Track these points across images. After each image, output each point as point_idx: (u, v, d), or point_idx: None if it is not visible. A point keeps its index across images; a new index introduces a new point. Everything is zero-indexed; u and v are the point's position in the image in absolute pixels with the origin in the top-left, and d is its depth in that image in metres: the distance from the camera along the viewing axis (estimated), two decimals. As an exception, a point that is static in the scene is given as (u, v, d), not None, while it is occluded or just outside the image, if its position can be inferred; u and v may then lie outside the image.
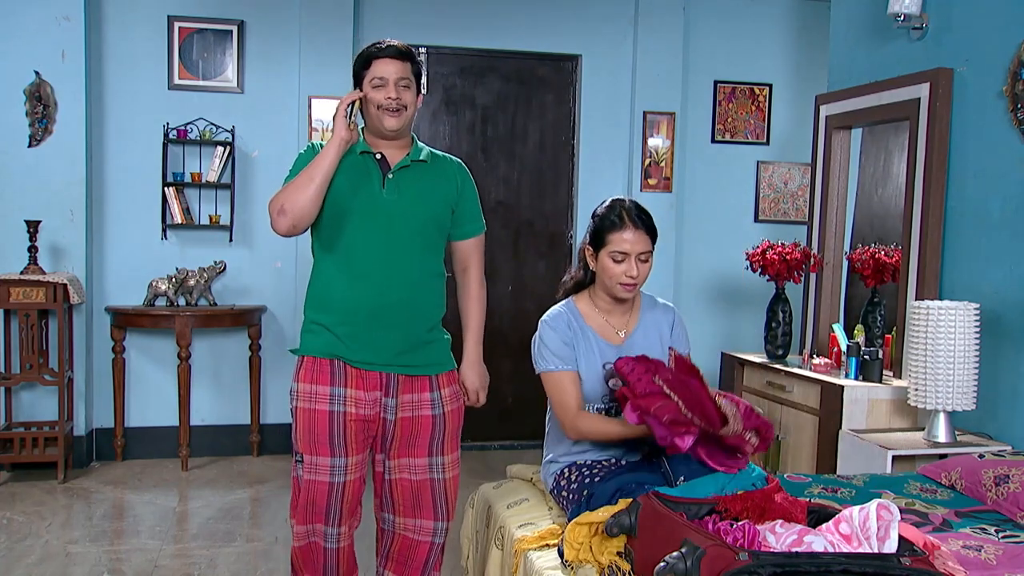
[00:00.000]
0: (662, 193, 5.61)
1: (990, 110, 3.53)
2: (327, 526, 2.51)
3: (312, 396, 2.48)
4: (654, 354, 2.55)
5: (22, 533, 3.94)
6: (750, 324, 5.41)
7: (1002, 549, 2.33)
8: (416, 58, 2.52)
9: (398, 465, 2.56)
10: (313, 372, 2.49)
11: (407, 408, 2.53)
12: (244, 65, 5.21)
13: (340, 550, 2.55)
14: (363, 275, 2.45)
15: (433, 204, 2.53)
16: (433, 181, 2.56)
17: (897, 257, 4.01)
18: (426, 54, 5.48)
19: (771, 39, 5.85)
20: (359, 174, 2.48)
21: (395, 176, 2.49)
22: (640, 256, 2.50)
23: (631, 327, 2.61)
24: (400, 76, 2.45)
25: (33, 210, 4.74)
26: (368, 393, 2.48)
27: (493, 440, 5.66)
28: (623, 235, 2.50)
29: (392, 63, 2.45)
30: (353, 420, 2.48)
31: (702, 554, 1.82)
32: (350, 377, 2.47)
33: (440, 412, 2.58)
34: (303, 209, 2.37)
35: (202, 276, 5.03)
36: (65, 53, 4.83)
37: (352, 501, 2.53)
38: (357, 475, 2.52)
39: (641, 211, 2.54)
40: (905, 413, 3.62)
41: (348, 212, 2.45)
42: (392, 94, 2.45)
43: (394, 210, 2.47)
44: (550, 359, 2.53)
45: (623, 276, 2.50)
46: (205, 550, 3.82)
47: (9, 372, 4.78)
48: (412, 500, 2.57)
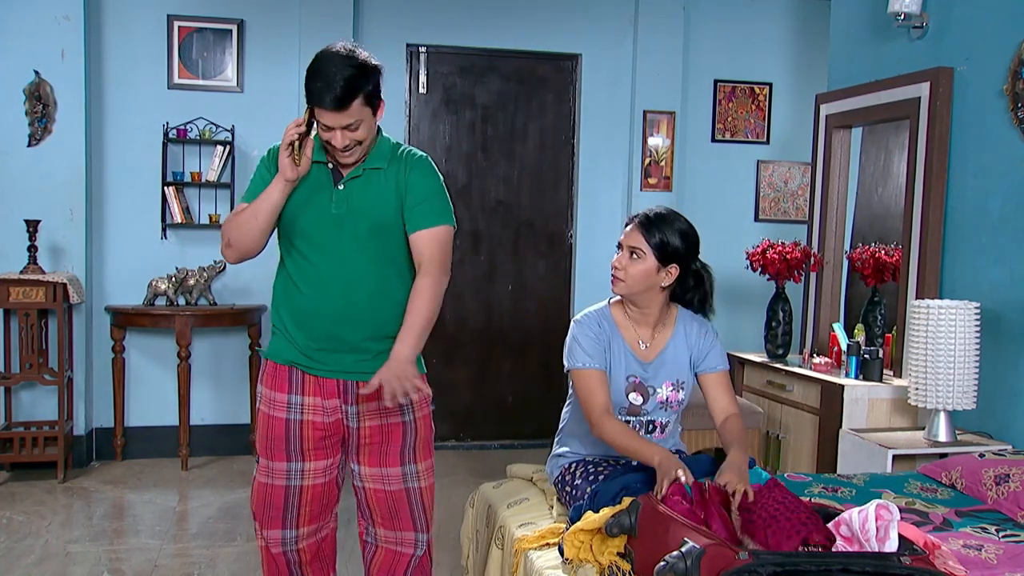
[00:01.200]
0: (662, 192, 5.61)
1: (990, 109, 3.53)
2: (284, 529, 2.48)
3: (272, 402, 2.45)
4: (679, 372, 2.56)
5: (22, 533, 3.94)
6: (750, 323, 5.41)
7: (1003, 548, 2.32)
8: (364, 81, 2.24)
9: (370, 475, 2.49)
10: (274, 378, 2.45)
11: (374, 416, 2.45)
12: (244, 64, 5.20)
13: (301, 551, 2.51)
14: (314, 285, 2.40)
15: (381, 213, 2.38)
16: (384, 188, 2.39)
17: (897, 256, 4.00)
18: (426, 53, 5.48)
19: (771, 38, 5.85)
20: (310, 185, 2.38)
21: (346, 187, 2.38)
22: (632, 251, 2.50)
23: (662, 343, 2.58)
24: (345, 124, 2.25)
25: (33, 209, 4.74)
26: (327, 400, 2.43)
27: (493, 440, 5.66)
28: (625, 228, 2.56)
29: (331, 115, 2.23)
30: (311, 428, 2.43)
31: (701, 553, 1.82)
32: (308, 384, 2.43)
33: (411, 419, 2.48)
34: (247, 245, 2.39)
35: (202, 275, 5.03)
36: (65, 52, 4.82)
37: (313, 504, 2.48)
38: (320, 480, 2.47)
39: (653, 218, 2.52)
40: (905, 412, 3.62)
41: (298, 223, 2.39)
42: (338, 144, 2.28)
43: (342, 223, 2.36)
44: (580, 356, 2.51)
45: (614, 269, 2.54)
46: (205, 549, 3.81)
47: (9, 372, 4.78)
48: (389, 511, 2.51)
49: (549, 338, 5.77)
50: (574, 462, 2.60)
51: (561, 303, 5.76)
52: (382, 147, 2.42)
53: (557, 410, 5.81)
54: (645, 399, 2.54)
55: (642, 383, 2.53)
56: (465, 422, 5.63)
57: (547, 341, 5.77)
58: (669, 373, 2.56)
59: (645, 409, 2.54)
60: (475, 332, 5.59)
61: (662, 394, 2.55)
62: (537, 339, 5.74)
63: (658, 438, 2.56)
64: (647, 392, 2.54)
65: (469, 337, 5.56)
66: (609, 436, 2.40)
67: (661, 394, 2.55)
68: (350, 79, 2.22)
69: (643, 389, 2.54)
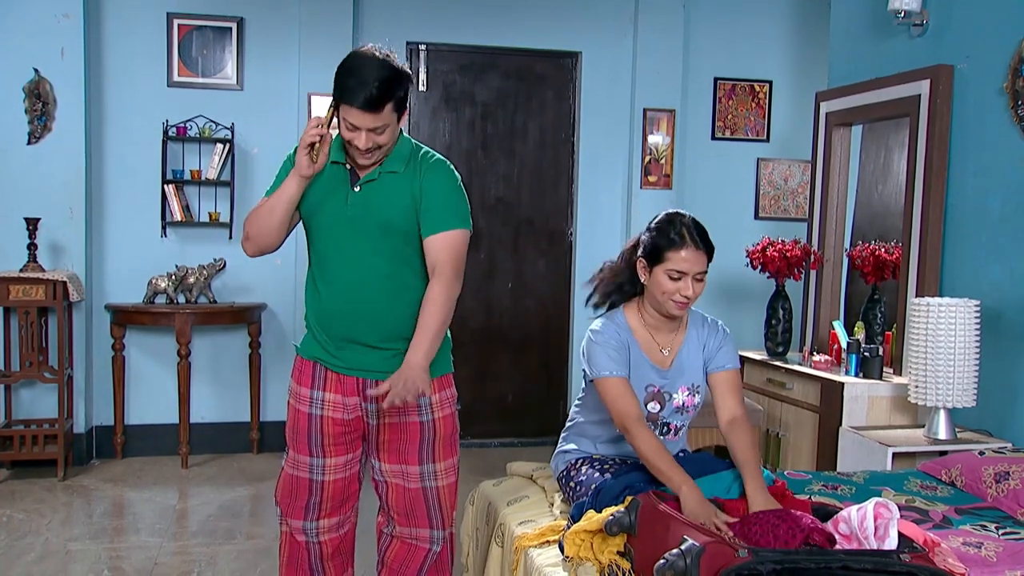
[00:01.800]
0: (662, 190, 5.61)
1: (990, 107, 3.53)
2: (306, 520, 2.53)
3: (297, 396, 2.50)
4: (694, 376, 2.53)
5: (22, 531, 3.94)
6: (750, 321, 5.41)
7: (1002, 546, 2.33)
8: (397, 86, 2.25)
9: (391, 471, 2.51)
10: (300, 372, 2.50)
11: (393, 413, 2.46)
12: (243, 62, 5.20)
13: (323, 544, 2.55)
14: (333, 284, 2.42)
15: (396, 216, 2.37)
16: (399, 191, 2.38)
17: (897, 254, 4.00)
18: (426, 51, 5.48)
19: (771, 36, 5.85)
20: (328, 185, 2.40)
21: (362, 189, 2.38)
22: (696, 275, 2.42)
23: (676, 347, 2.55)
24: (374, 126, 2.25)
25: (32, 208, 4.73)
26: (347, 398, 2.46)
27: (493, 438, 5.66)
28: (682, 254, 2.40)
29: (361, 116, 2.23)
30: (331, 424, 2.46)
31: (701, 551, 1.82)
32: (329, 381, 2.46)
33: (429, 419, 2.48)
34: (266, 239, 2.41)
35: (202, 273, 5.02)
36: (64, 50, 4.82)
37: (333, 499, 2.52)
38: (340, 476, 2.51)
39: (701, 229, 2.45)
40: (905, 410, 3.62)
41: (318, 227, 2.42)
42: (362, 145, 2.27)
43: (357, 224, 2.37)
44: (606, 364, 2.45)
45: (677, 294, 2.42)
46: (205, 547, 3.81)
47: (9, 370, 4.77)
48: (406, 507, 2.52)
49: (549, 336, 5.78)
50: (580, 458, 2.59)
51: (561, 301, 5.76)
52: (401, 149, 2.40)
53: (557, 408, 5.88)
54: (662, 406, 2.52)
55: (660, 391, 2.51)
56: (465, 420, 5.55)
57: (547, 339, 5.77)
58: (685, 378, 2.53)
59: (662, 416, 2.53)
60: (475, 330, 5.58)
61: (678, 399, 2.53)
62: (537, 337, 5.75)
63: (670, 440, 2.55)
64: (664, 399, 2.52)
65: (469, 335, 5.56)
66: (642, 448, 2.34)
67: (677, 399, 2.53)
68: (385, 81, 2.22)
69: (661, 397, 2.51)
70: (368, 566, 2.99)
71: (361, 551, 2.76)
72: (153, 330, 5.15)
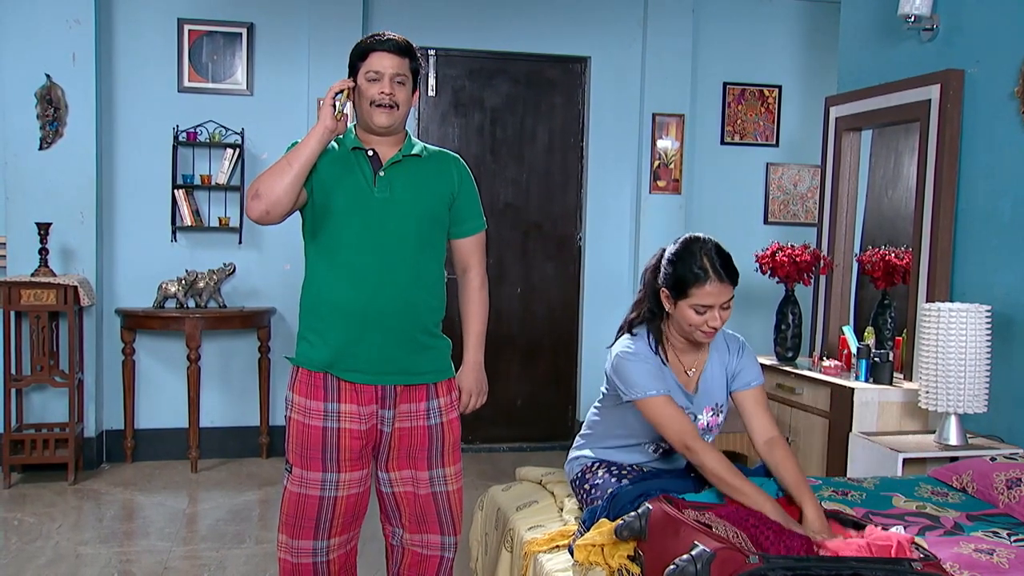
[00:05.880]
0: (671, 195, 5.61)
1: (1001, 111, 3.51)
2: (315, 540, 2.43)
3: (306, 411, 2.40)
4: (718, 395, 2.50)
5: (33, 534, 3.95)
6: (760, 326, 5.39)
7: (1014, 553, 2.31)
8: (416, 55, 2.42)
9: (400, 478, 2.47)
10: (307, 386, 2.40)
11: (404, 419, 2.44)
12: (254, 67, 5.22)
13: (331, 562, 2.47)
14: (356, 278, 2.35)
15: (428, 200, 2.41)
16: (428, 176, 2.43)
17: (907, 259, 3.99)
18: (435, 56, 5.49)
19: (780, 40, 5.84)
20: (350, 172, 2.38)
21: (387, 173, 2.38)
22: (723, 305, 2.37)
23: (700, 367, 2.52)
24: (396, 72, 2.36)
25: (44, 212, 4.76)
26: (364, 407, 2.40)
27: (502, 442, 5.66)
28: (707, 288, 2.34)
29: (389, 57, 2.35)
30: (349, 436, 2.39)
31: (711, 557, 1.82)
32: (344, 392, 2.39)
33: (437, 422, 2.47)
34: (278, 196, 2.27)
35: (211, 278, 5.04)
36: (75, 56, 4.84)
37: (345, 515, 2.45)
38: (353, 491, 2.43)
39: (724, 257, 2.38)
40: (916, 416, 3.61)
41: (339, 212, 2.36)
42: (386, 89, 2.35)
43: (387, 209, 2.35)
44: (648, 384, 2.37)
45: (704, 326, 2.37)
46: (215, 552, 3.82)
47: (20, 374, 4.79)
48: (417, 514, 2.49)
49: (558, 341, 5.78)
50: (597, 461, 2.58)
51: (570, 306, 5.75)
52: (411, 139, 2.49)
53: (566, 413, 5.87)
54: None
55: (688, 415, 2.46)
56: (474, 424, 5.62)
57: (556, 344, 5.77)
58: (709, 398, 2.51)
59: None
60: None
61: (703, 420, 2.50)
62: (546, 342, 5.74)
63: None
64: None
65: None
66: (711, 467, 2.26)
67: (702, 420, 2.50)
68: (405, 42, 2.42)
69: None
70: (369, 569, 2.98)
71: (362, 552, 2.75)
72: (163, 334, 5.17)
